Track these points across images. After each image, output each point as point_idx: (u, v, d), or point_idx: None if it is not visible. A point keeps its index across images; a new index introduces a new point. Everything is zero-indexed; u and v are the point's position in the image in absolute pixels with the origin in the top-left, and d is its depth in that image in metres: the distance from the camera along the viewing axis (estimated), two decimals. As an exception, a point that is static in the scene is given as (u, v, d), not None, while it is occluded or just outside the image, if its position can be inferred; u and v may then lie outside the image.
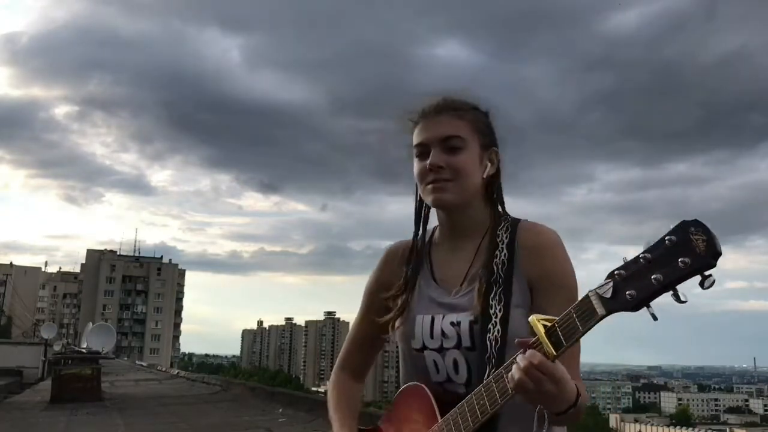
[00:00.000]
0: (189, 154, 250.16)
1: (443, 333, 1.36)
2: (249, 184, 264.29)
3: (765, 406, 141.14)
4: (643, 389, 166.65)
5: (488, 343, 1.29)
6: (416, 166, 1.41)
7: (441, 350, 1.37)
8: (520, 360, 1.09)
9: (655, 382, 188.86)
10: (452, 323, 1.35)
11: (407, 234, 1.52)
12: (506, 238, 1.37)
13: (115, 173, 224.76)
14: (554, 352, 1.06)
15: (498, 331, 1.29)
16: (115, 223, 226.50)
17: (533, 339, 1.10)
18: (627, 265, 1.02)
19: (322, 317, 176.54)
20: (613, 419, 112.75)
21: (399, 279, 1.48)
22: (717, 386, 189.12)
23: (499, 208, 1.44)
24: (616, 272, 1.03)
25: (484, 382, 1.20)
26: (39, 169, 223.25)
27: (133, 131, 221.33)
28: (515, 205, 1.49)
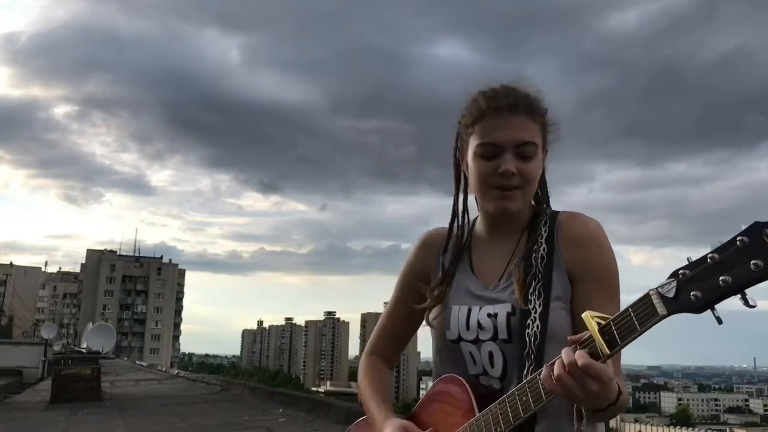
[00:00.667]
0: (189, 154, 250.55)
1: (479, 324, 1.33)
2: (249, 184, 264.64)
3: (765, 406, 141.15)
4: (643, 389, 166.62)
5: (527, 338, 1.26)
6: (480, 164, 1.32)
7: (477, 342, 1.33)
8: (565, 357, 1.05)
9: (655, 382, 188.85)
10: (489, 315, 1.32)
11: (407, 234, 1.53)
12: (545, 231, 1.33)
13: (114, 173, 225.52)
14: (608, 351, 1.03)
15: (537, 326, 1.25)
16: (115, 223, 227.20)
17: (585, 335, 1.06)
18: (692, 265, 0.97)
19: (322, 317, 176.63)
20: (613, 419, 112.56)
21: (435, 268, 1.44)
22: (717, 386, 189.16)
23: (541, 201, 1.42)
24: (680, 272, 0.98)
25: (528, 378, 1.17)
26: (39, 169, 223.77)
27: (132, 131, 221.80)
28: None
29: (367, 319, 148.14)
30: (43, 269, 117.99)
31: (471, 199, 1.45)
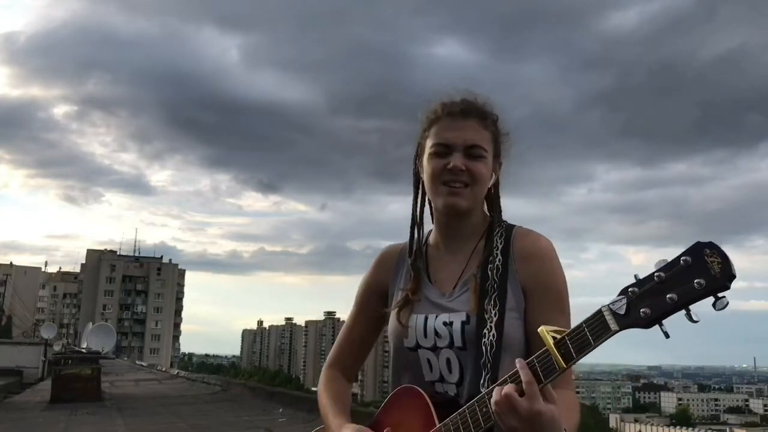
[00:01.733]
0: (188, 154, 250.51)
1: (436, 332, 1.38)
2: (248, 184, 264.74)
3: (765, 406, 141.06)
4: (643, 389, 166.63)
5: (483, 347, 1.30)
6: (432, 162, 1.41)
7: (435, 349, 1.38)
8: (495, 392, 1.12)
9: (655, 382, 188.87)
10: (445, 323, 1.37)
11: (407, 234, 1.53)
12: (501, 243, 1.40)
13: (114, 173, 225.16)
14: (564, 365, 1.08)
15: (493, 335, 1.30)
16: (115, 223, 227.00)
17: (541, 351, 1.11)
18: (640, 283, 1.04)
19: (322, 317, 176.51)
20: (613, 419, 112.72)
21: (392, 281, 1.51)
22: (717, 386, 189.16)
23: (495, 213, 1.47)
24: (629, 289, 1.05)
25: (478, 396, 1.21)
26: (38, 168, 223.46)
27: (132, 131, 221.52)
28: (514, 205, 1.51)
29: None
30: (43, 269, 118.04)
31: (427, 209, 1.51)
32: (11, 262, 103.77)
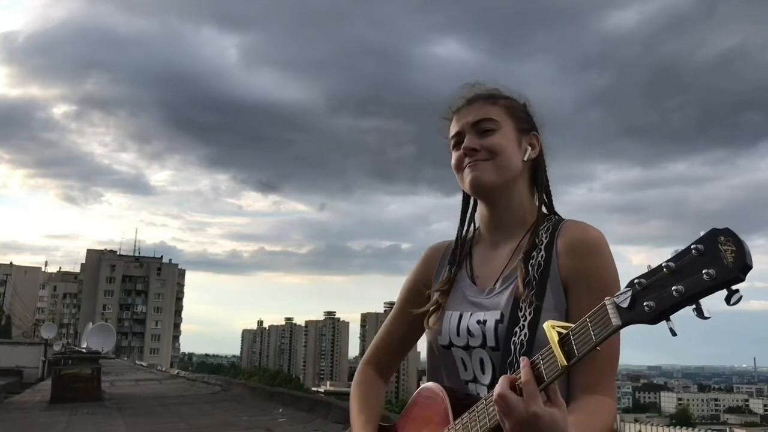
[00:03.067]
0: (188, 154, 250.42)
1: (469, 331, 1.32)
2: (248, 183, 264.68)
3: (765, 406, 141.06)
4: (643, 389, 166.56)
5: (512, 346, 1.24)
6: (453, 156, 1.39)
7: (468, 348, 1.33)
8: (496, 388, 1.06)
9: (655, 382, 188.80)
10: (478, 321, 1.31)
11: (407, 234, 1.54)
12: (546, 238, 1.31)
13: (114, 173, 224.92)
14: (566, 363, 0.99)
15: (525, 334, 1.23)
16: (115, 223, 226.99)
17: (544, 349, 1.04)
18: (648, 274, 0.94)
19: (322, 317, 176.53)
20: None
21: (435, 278, 1.46)
22: (717, 386, 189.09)
23: (544, 206, 1.40)
24: (636, 281, 0.94)
25: (487, 394, 1.16)
26: (37, 168, 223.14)
27: (131, 131, 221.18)
28: None
29: (366, 319, 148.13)
30: (43, 269, 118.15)
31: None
32: (11, 262, 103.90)
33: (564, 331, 1.01)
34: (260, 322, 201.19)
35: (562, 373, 1.00)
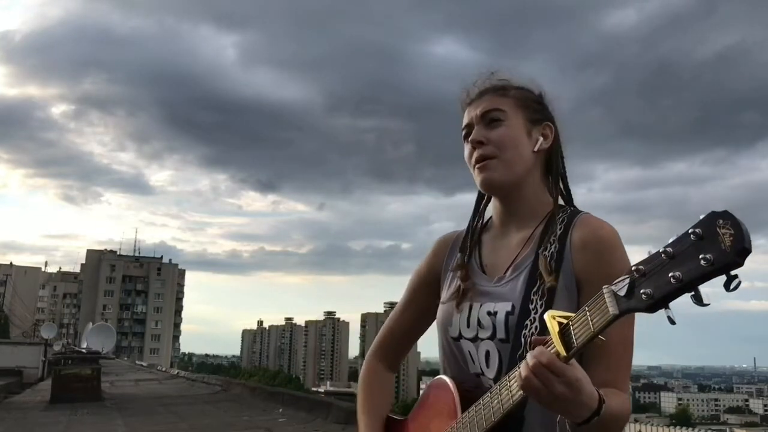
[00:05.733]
0: (187, 154, 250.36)
1: (479, 322, 1.29)
2: (247, 183, 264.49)
3: (765, 406, 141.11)
4: (643, 389, 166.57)
5: (523, 339, 1.20)
6: (465, 148, 1.37)
7: (475, 340, 1.29)
8: (529, 357, 1.00)
9: (655, 382, 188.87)
10: (489, 312, 1.28)
11: (407, 234, 1.54)
12: (560, 229, 1.26)
13: (113, 173, 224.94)
14: (564, 353, 0.97)
15: (536, 327, 1.19)
16: (115, 223, 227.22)
17: (548, 336, 1.01)
18: (647, 260, 0.90)
19: (322, 317, 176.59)
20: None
21: (444, 269, 1.43)
22: (717, 386, 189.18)
23: (561, 197, 1.36)
24: (634, 268, 0.91)
25: (500, 380, 1.12)
26: (37, 168, 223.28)
27: (130, 130, 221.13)
28: None
29: (367, 319, 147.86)
30: (43, 269, 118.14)
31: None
32: (11, 262, 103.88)
33: (564, 321, 0.99)
34: (260, 322, 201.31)
35: (565, 362, 0.98)
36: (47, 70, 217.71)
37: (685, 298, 0.86)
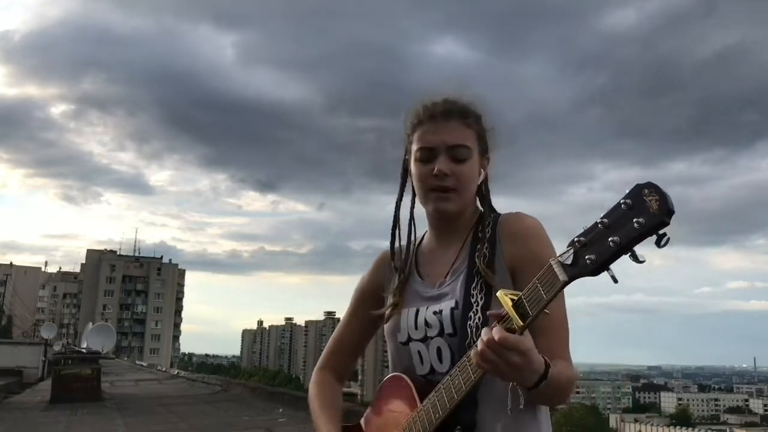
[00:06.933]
0: (186, 153, 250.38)
1: (426, 323, 1.40)
2: (246, 182, 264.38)
3: (765, 406, 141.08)
4: (643, 389, 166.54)
5: (469, 329, 1.32)
6: (418, 168, 1.42)
7: (425, 339, 1.40)
8: (483, 334, 1.13)
9: (655, 382, 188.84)
10: (434, 312, 1.39)
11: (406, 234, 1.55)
12: (488, 232, 1.40)
13: (113, 172, 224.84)
14: (521, 323, 1.09)
15: (479, 318, 1.32)
16: (115, 223, 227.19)
17: (503, 311, 1.12)
18: (586, 232, 1.04)
19: (321, 317, 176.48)
20: (613, 419, 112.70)
21: (387, 281, 1.53)
22: (717, 386, 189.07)
23: (485, 206, 1.48)
24: (576, 240, 1.05)
25: (459, 361, 1.23)
26: (36, 168, 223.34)
27: (129, 130, 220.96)
28: (515, 206, 1.44)
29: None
30: (43, 269, 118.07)
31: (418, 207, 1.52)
32: (11, 262, 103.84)
33: (516, 297, 1.11)
34: (260, 322, 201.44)
35: (520, 333, 1.10)
36: (47, 70, 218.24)
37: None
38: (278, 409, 10.04)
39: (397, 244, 1.55)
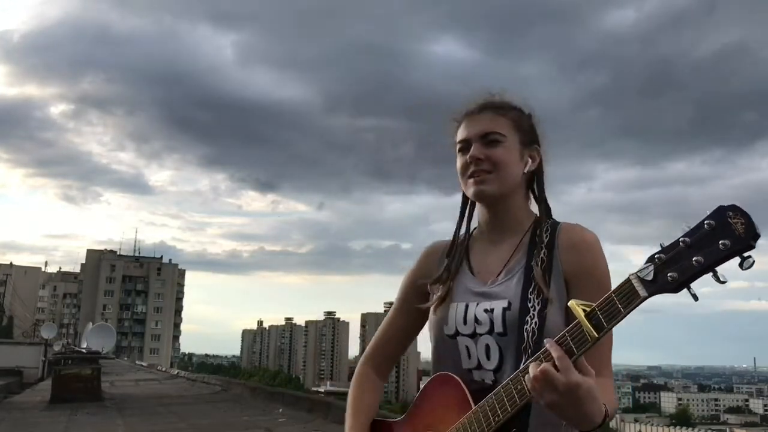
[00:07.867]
0: (186, 153, 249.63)
1: (476, 319, 1.40)
2: (246, 182, 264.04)
3: (765, 406, 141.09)
4: (643, 389, 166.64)
5: (525, 333, 1.33)
6: (458, 161, 1.49)
7: (474, 336, 1.40)
8: (532, 367, 1.14)
9: (655, 382, 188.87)
10: (485, 310, 1.40)
11: (407, 234, 1.59)
12: (546, 237, 1.42)
13: (112, 172, 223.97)
14: (596, 334, 1.10)
15: (536, 323, 1.33)
16: (114, 223, 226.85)
17: (572, 325, 1.14)
18: (666, 249, 1.07)
19: (322, 317, 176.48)
20: (613, 419, 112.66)
21: (437, 272, 1.52)
22: (717, 386, 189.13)
23: (541, 208, 1.49)
24: (656, 256, 1.07)
25: (512, 376, 1.24)
26: (36, 168, 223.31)
27: (129, 130, 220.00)
28: None
29: (367, 319, 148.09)
30: (43, 269, 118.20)
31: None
32: (11, 262, 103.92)
33: (588, 309, 1.12)
34: (260, 322, 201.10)
35: (593, 344, 1.12)
36: (46, 70, 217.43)
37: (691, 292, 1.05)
38: (278, 409, 10.05)
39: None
